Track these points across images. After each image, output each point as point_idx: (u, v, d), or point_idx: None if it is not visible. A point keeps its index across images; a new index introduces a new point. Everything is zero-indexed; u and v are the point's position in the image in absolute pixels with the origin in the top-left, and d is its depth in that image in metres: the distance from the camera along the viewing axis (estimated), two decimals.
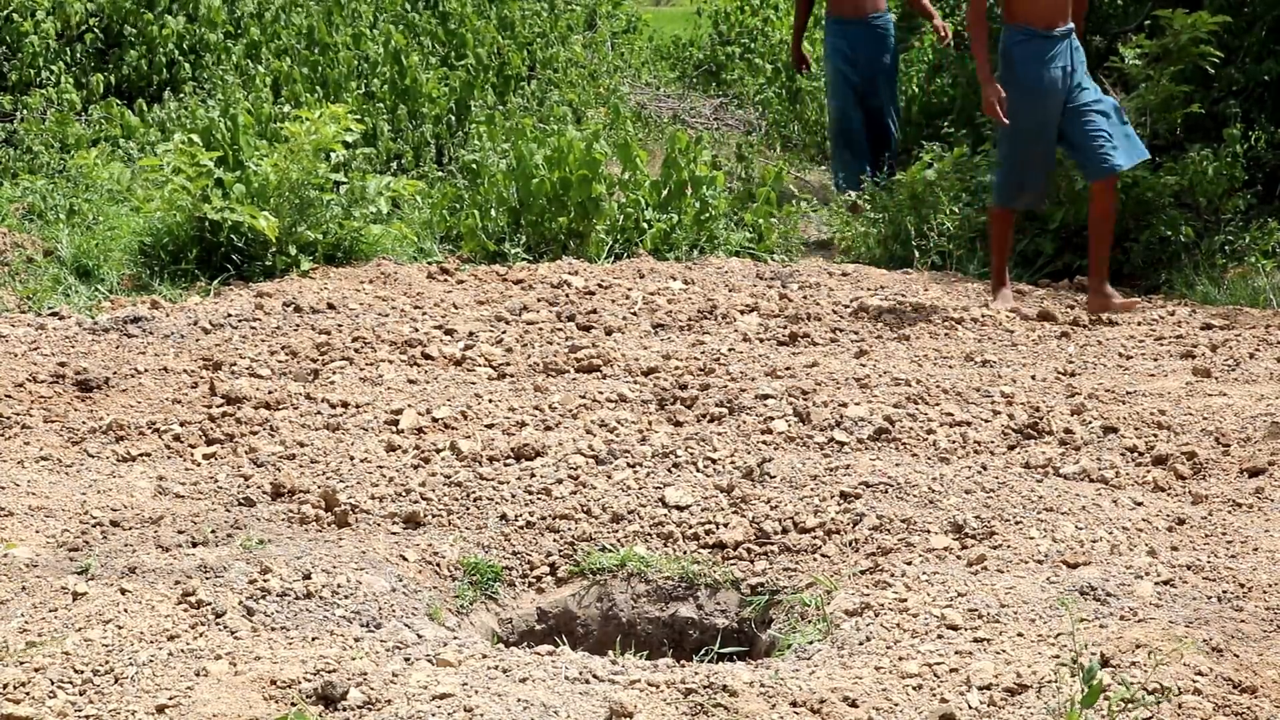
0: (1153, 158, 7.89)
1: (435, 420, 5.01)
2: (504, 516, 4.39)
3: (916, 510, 4.30)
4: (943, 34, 8.96)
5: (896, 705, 3.14)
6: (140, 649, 3.27)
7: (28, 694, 3.06)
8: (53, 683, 3.11)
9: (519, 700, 3.11)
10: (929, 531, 4.17)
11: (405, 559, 4.06)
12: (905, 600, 3.71)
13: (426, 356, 5.76)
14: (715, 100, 12.87)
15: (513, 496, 4.48)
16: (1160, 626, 3.38)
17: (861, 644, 3.51)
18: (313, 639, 3.40)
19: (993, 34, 7.21)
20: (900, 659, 3.36)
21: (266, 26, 10.14)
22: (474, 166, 8.31)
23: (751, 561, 4.20)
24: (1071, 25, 6.68)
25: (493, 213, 7.89)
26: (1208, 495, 4.44)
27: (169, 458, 4.81)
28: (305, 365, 5.68)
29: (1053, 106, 6.62)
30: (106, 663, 3.21)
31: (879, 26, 8.91)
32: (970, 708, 3.11)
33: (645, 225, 7.94)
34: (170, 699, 3.08)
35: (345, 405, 5.16)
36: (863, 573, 4.00)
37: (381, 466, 4.65)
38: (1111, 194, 6.77)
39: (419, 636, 3.53)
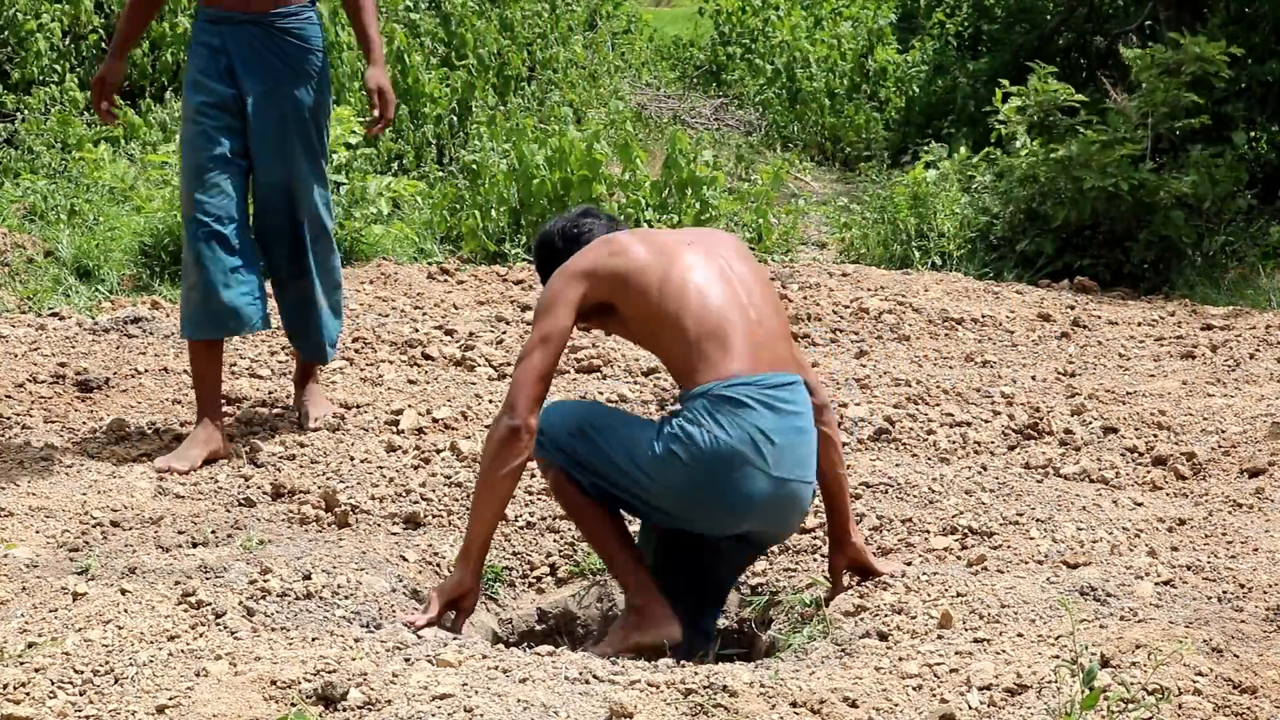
0: (1154, 159, 7.89)
1: (435, 420, 5.01)
2: (504, 517, 4.38)
3: (916, 510, 4.29)
4: (376, 117, 4.85)
5: (896, 705, 3.14)
6: (140, 649, 3.27)
7: (28, 694, 3.05)
8: (53, 683, 3.11)
9: (519, 700, 3.10)
10: (929, 532, 4.16)
11: (405, 559, 4.06)
12: (905, 600, 3.70)
13: (426, 356, 5.76)
14: (715, 100, 12.88)
15: (513, 497, 4.48)
16: (1160, 627, 3.38)
17: (861, 644, 3.51)
18: (313, 639, 3.40)
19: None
20: (900, 659, 3.35)
21: None
22: (475, 167, 8.31)
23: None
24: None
25: (493, 213, 7.89)
26: (1208, 495, 4.44)
27: None
28: None
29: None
30: (106, 663, 3.20)
31: (288, 30, 4.72)
32: (970, 708, 3.11)
33: (645, 225, 7.95)
34: (170, 699, 3.08)
35: (345, 405, 5.16)
36: None
37: (381, 467, 4.65)
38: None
39: (419, 637, 3.53)
